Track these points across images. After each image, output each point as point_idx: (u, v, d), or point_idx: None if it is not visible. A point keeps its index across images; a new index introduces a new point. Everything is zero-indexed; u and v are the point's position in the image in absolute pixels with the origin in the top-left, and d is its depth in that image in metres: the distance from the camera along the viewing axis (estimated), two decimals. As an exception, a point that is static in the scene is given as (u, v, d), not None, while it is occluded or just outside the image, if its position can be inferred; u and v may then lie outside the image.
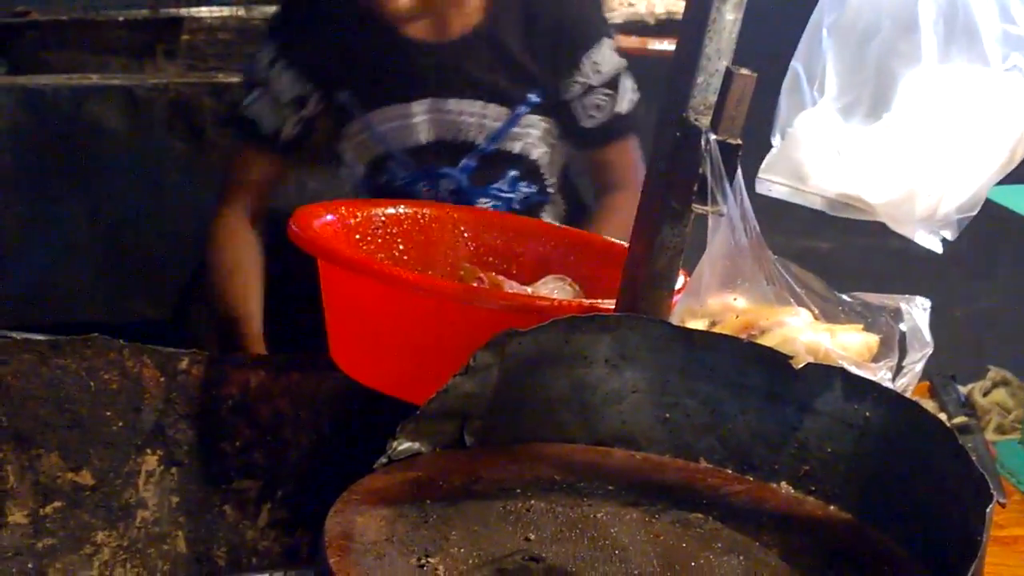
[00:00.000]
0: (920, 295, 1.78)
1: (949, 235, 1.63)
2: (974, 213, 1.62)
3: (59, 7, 4.55)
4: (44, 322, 3.02)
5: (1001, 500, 2.13)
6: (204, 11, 4.59)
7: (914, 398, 2.42)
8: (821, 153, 1.58)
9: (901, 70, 1.58)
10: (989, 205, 2.13)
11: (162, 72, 4.38)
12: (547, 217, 2.86)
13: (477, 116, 2.75)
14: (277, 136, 2.77)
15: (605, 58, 2.76)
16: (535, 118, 2.79)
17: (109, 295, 3.85)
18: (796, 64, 1.61)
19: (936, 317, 1.80)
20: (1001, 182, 1.69)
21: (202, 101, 3.83)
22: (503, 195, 2.80)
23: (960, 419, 2.33)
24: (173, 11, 4.63)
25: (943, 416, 2.37)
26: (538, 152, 2.82)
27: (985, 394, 2.41)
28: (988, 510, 1.28)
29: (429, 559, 1.39)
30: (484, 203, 2.77)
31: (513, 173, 2.81)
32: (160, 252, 3.83)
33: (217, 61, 4.52)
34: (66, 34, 4.43)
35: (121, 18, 4.53)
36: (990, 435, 2.32)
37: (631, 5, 5.12)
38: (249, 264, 2.80)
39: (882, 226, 1.71)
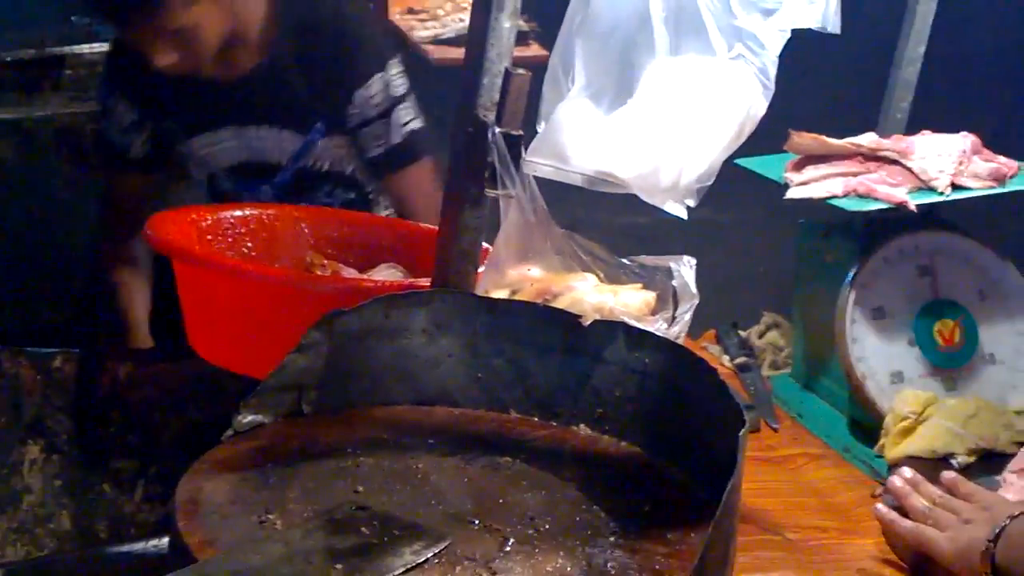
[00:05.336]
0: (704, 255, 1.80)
1: (692, 202, 1.64)
2: (711, 182, 1.64)
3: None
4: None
5: (774, 425, 2.16)
6: (85, 48, 4.48)
7: (703, 343, 2.47)
8: (578, 136, 1.58)
9: (640, 61, 1.59)
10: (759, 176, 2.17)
11: (49, 104, 4.29)
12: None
13: (275, 141, 2.71)
14: (127, 154, 2.77)
15: (379, 92, 2.64)
16: (340, 139, 2.72)
17: (16, 304, 3.78)
18: (554, 59, 1.61)
19: (721, 273, 1.81)
20: (739, 154, 1.71)
21: (85, 127, 3.79)
22: (323, 203, 2.76)
23: (740, 359, 2.36)
24: (57, 50, 4.52)
25: (726, 358, 2.40)
26: (350, 167, 2.77)
27: (760, 336, 2.44)
28: (740, 434, 1.29)
29: (269, 515, 1.38)
30: None
31: (327, 187, 2.77)
32: (57, 262, 3.78)
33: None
34: (-41, 77, 4.30)
35: (9, 58, 4.41)
36: (766, 371, 2.36)
37: (462, 21, 5.11)
38: (132, 278, 2.81)
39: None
